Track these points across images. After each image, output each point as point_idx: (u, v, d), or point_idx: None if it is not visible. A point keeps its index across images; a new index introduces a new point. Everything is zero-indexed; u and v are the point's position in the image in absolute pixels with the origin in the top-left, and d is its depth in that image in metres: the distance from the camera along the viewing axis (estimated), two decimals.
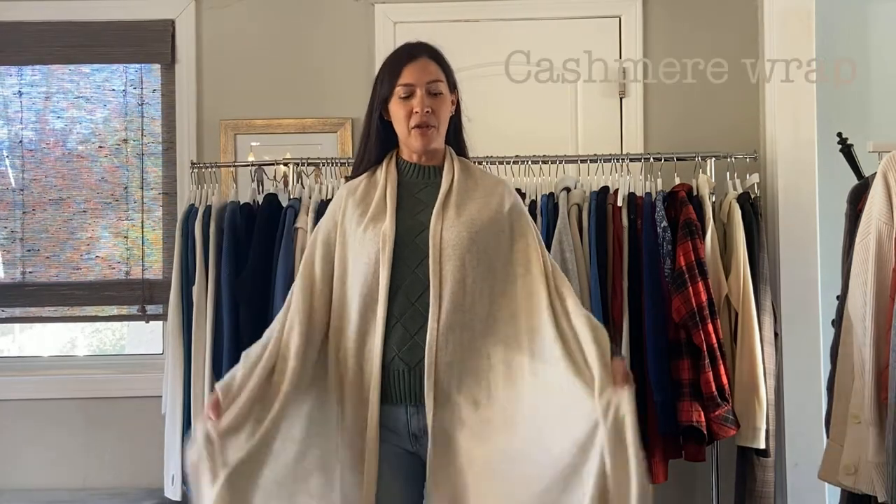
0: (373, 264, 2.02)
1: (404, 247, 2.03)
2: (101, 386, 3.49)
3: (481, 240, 2.04)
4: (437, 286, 1.99)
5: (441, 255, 2.01)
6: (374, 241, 2.03)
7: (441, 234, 2.03)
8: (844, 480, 2.28)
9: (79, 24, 3.51)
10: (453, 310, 1.99)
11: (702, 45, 3.44)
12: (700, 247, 2.79)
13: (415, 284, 2.01)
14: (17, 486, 3.44)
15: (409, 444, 2.04)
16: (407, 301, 2.00)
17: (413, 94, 2.06)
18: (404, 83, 2.06)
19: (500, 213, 2.09)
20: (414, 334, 1.99)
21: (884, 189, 2.14)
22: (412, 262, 2.02)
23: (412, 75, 2.07)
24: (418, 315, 2.00)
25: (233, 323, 2.83)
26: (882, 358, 2.09)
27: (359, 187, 2.15)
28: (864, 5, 3.46)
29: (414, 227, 2.05)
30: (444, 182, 2.10)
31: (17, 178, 3.56)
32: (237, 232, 2.92)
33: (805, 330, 3.11)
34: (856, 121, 3.34)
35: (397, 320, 2.00)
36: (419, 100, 2.06)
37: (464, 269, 2.01)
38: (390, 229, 2.03)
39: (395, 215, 2.06)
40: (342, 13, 3.50)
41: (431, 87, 2.07)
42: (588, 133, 3.43)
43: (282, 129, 3.47)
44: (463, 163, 2.17)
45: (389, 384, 2.00)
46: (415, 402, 2.00)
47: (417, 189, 2.12)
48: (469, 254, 2.02)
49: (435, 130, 2.09)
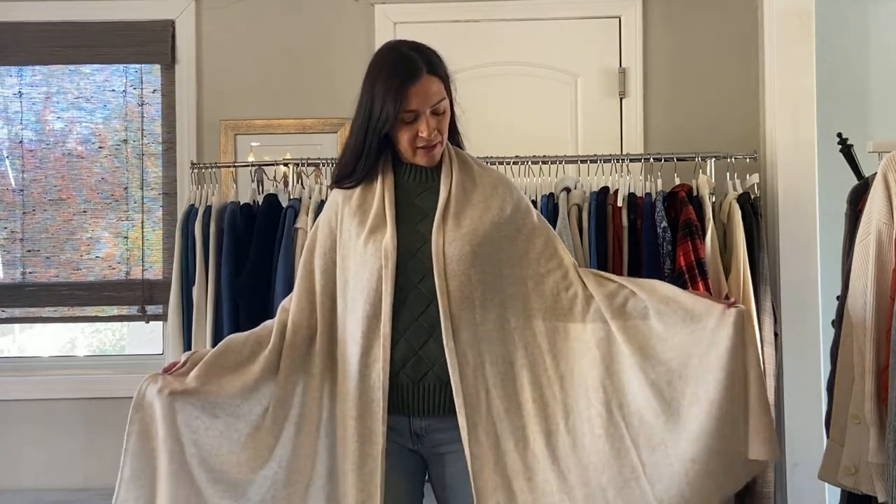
0: (375, 281, 1.98)
1: (406, 261, 1.99)
2: (101, 386, 3.49)
3: (484, 251, 2.00)
4: (445, 305, 1.96)
5: (446, 271, 1.97)
6: (376, 257, 1.99)
7: (444, 249, 1.98)
8: (844, 480, 2.27)
9: (79, 24, 3.51)
10: (465, 326, 1.97)
11: (702, 46, 3.45)
12: (700, 247, 2.79)
13: (418, 300, 1.98)
14: (17, 487, 3.44)
15: (410, 443, 2.04)
16: (410, 316, 1.98)
17: (418, 119, 2.00)
18: (409, 109, 1.98)
19: (503, 216, 2.05)
20: (418, 349, 1.98)
21: (884, 189, 2.14)
22: (415, 277, 1.99)
23: (417, 101, 1.97)
24: (422, 330, 1.98)
25: (233, 323, 2.83)
26: (882, 358, 2.09)
27: (354, 193, 2.09)
28: (864, 5, 3.46)
29: (415, 241, 2.01)
30: (443, 188, 2.05)
31: (17, 179, 3.56)
32: (237, 232, 2.92)
33: (805, 330, 3.11)
34: (856, 121, 3.34)
35: (401, 336, 1.98)
36: (425, 124, 1.99)
37: (470, 285, 1.98)
38: (392, 244, 1.99)
39: (395, 227, 2.01)
40: (342, 13, 3.50)
41: (436, 108, 2.00)
42: (588, 133, 3.43)
43: (282, 129, 3.48)
44: (461, 159, 2.12)
45: (394, 397, 1.98)
46: (419, 413, 2.00)
47: (415, 194, 2.07)
48: (473, 268, 1.99)
49: (440, 145, 2.05)
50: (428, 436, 2.03)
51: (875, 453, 2.10)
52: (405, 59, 2.00)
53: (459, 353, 1.96)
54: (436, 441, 2.03)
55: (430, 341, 1.97)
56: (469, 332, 1.97)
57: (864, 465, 2.19)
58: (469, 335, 1.97)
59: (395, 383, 1.98)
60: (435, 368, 1.97)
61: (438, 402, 1.99)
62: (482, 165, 2.17)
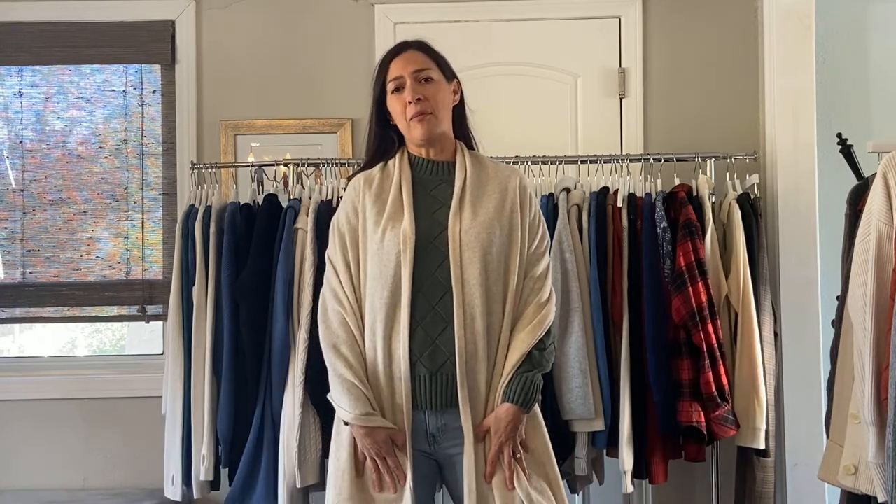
0: (394, 266, 2.01)
1: (423, 248, 2.02)
2: (101, 386, 3.49)
3: (498, 241, 2.04)
4: (459, 292, 1.99)
5: (461, 258, 2.01)
6: (395, 243, 2.02)
7: (460, 236, 2.02)
8: (844, 481, 2.28)
9: (79, 24, 3.51)
10: (479, 314, 1.99)
11: (702, 46, 3.45)
12: (700, 247, 2.79)
13: (434, 287, 2.01)
14: (17, 486, 3.44)
15: (426, 446, 2.06)
16: (427, 304, 2.01)
17: (403, 86, 2.07)
18: (392, 77, 2.09)
19: (515, 210, 2.10)
20: (435, 338, 2.00)
21: (883, 189, 2.14)
22: (431, 264, 2.02)
23: (398, 68, 2.10)
24: (439, 319, 2.00)
25: (233, 323, 2.83)
26: (882, 358, 2.09)
27: (374, 180, 2.13)
28: (864, 5, 3.46)
29: (433, 228, 2.04)
30: (458, 179, 2.10)
31: (17, 179, 3.56)
32: (237, 232, 2.92)
33: (805, 330, 3.11)
34: (856, 121, 3.34)
35: (418, 324, 2.00)
36: (409, 89, 2.07)
37: (485, 273, 2.01)
38: (410, 230, 2.02)
39: (413, 214, 2.05)
40: (342, 13, 3.50)
41: (419, 74, 2.08)
42: (588, 133, 3.44)
43: (282, 130, 3.48)
44: (474, 156, 2.17)
45: (413, 390, 2.00)
46: (436, 407, 2.02)
47: (432, 186, 2.11)
48: (489, 255, 2.02)
49: (433, 117, 2.08)
50: (443, 436, 2.04)
51: (875, 453, 2.10)
52: (397, 43, 2.18)
53: (469, 342, 1.99)
54: (450, 441, 2.05)
55: (447, 330, 2.00)
56: (483, 321, 2.00)
57: (864, 465, 2.19)
58: (482, 324, 2.00)
59: (413, 373, 2.00)
60: (452, 359, 2.00)
61: (453, 394, 2.01)
62: (494, 162, 2.22)
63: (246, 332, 2.81)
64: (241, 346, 2.81)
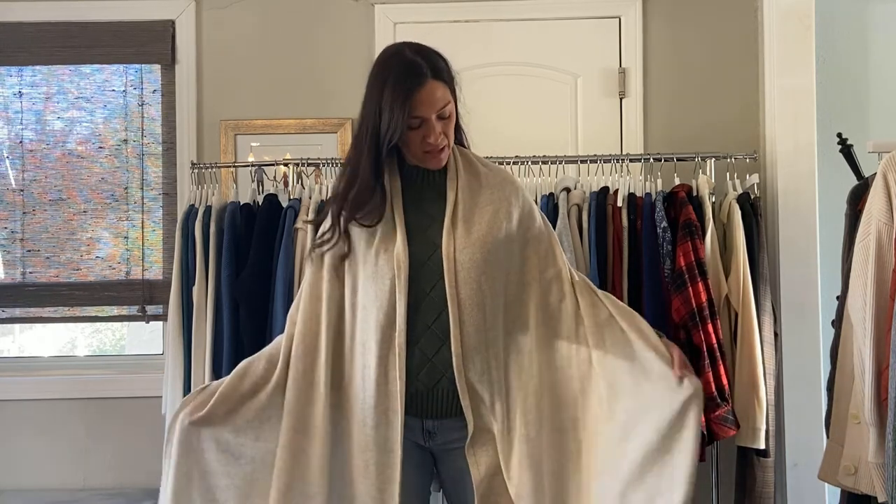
0: (388, 291, 1.97)
1: (418, 270, 1.99)
2: (101, 386, 3.49)
3: (493, 258, 2.01)
4: (455, 312, 1.97)
5: (457, 279, 1.98)
6: (389, 267, 1.98)
7: (454, 256, 1.98)
8: (844, 481, 2.28)
9: (79, 24, 3.52)
10: (474, 332, 1.98)
11: (702, 46, 3.45)
12: (700, 247, 2.79)
13: (430, 308, 1.99)
14: (17, 486, 3.44)
15: (421, 439, 2.06)
16: (424, 325, 1.99)
17: (424, 124, 1.97)
18: (415, 116, 1.94)
19: (511, 221, 2.05)
20: (431, 357, 1.99)
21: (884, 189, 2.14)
22: (426, 285, 1.99)
23: (423, 108, 1.94)
24: (435, 338, 1.99)
25: (233, 323, 2.83)
26: (882, 358, 2.09)
27: None
28: (864, 5, 3.46)
29: (426, 249, 2.01)
30: (450, 192, 2.05)
31: (17, 179, 3.56)
32: (237, 232, 2.92)
33: (805, 330, 3.11)
34: (856, 121, 3.34)
35: (415, 345, 1.98)
36: (432, 129, 1.97)
37: (481, 292, 1.99)
38: (404, 255, 1.98)
39: (406, 237, 2.01)
40: (342, 13, 3.50)
41: (442, 112, 1.98)
42: (588, 133, 3.44)
43: (282, 130, 3.48)
44: (466, 159, 2.11)
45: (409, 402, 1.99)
46: (433, 416, 2.02)
47: (423, 199, 2.07)
48: (484, 275, 1.99)
49: (447, 149, 2.03)
50: (439, 433, 2.04)
51: (875, 453, 2.10)
52: (409, 65, 1.95)
53: (466, 358, 1.97)
54: (446, 438, 2.05)
55: (443, 348, 1.98)
56: (478, 338, 1.98)
57: (863, 465, 2.19)
58: (478, 340, 1.98)
59: (410, 390, 1.99)
60: (448, 374, 1.98)
61: (452, 405, 2.00)
62: (487, 165, 2.16)
63: (246, 332, 2.81)
64: (241, 346, 2.81)
